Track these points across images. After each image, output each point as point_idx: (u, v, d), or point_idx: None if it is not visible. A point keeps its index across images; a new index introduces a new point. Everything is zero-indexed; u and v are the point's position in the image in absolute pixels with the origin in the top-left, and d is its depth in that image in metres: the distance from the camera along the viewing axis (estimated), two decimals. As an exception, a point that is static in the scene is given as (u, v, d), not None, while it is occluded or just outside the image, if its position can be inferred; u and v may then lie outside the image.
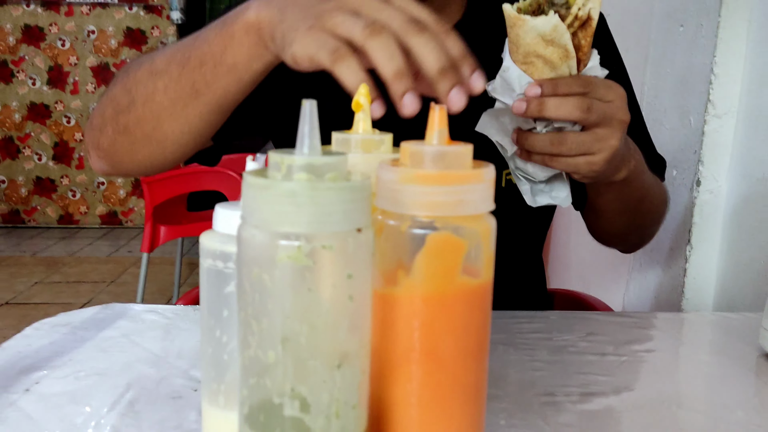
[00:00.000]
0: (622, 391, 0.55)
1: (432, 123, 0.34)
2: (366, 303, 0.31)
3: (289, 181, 0.29)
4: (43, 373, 0.57)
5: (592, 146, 0.58)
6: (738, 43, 0.93)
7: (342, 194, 0.29)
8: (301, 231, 0.29)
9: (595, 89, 0.57)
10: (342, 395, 0.31)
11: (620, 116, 0.58)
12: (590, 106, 0.56)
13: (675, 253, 1.04)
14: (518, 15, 0.54)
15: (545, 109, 0.56)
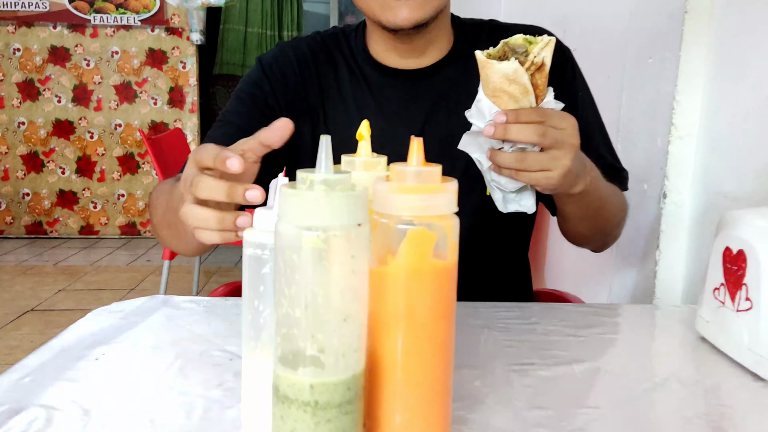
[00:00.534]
0: (575, 362, 0.68)
1: (411, 151, 0.48)
2: (364, 276, 0.45)
3: (312, 191, 0.43)
4: (107, 346, 0.70)
5: (548, 164, 0.71)
6: (696, 74, 1.06)
7: (348, 200, 0.43)
8: (320, 224, 0.42)
9: (550, 118, 0.70)
10: (347, 341, 0.44)
11: (571, 141, 0.72)
12: (545, 132, 0.69)
13: (647, 257, 1.17)
14: (487, 60, 0.68)
15: (509, 133, 0.69)
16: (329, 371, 0.44)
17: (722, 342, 0.69)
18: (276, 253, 0.45)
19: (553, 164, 0.71)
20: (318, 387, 0.44)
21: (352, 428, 0.45)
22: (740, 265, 0.66)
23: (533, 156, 0.70)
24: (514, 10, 2.46)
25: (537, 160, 0.70)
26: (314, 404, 0.44)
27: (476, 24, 1.05)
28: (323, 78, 1.00)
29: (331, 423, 0.44)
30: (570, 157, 0.71)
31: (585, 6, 1.70)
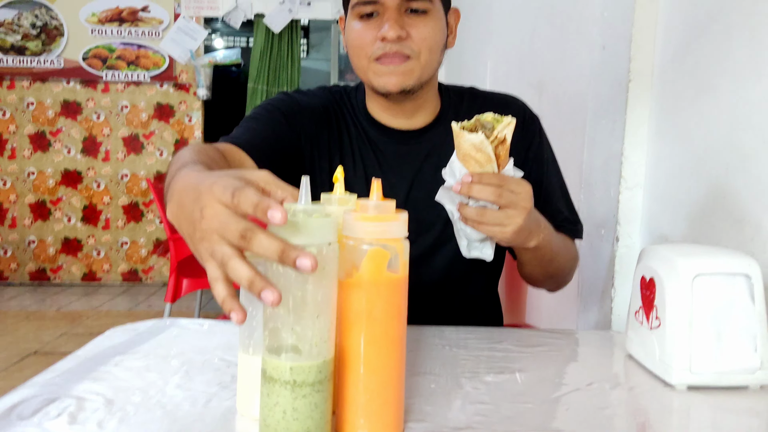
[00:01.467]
0: (519, 371, 0.81)
1: (372, 189, 0.62)
2: (333, 282, 0.58)
3: (294, 217, 0.57)
4: (124, 356, 0.83)
5: (503, 221, 0.86)
6: (640, 134, 1.21)
7: (320, 224, 0.57)
8: (300, 242, 0.56)
9: (507, 183, 0.85)
10: (319, 333, 0.57)
11: (524, 204, 0.86)
12: (502, 194, 0.84)
13: (605, 294, 1.31)
14: (460, 130, 0.83)
15: (472, 191, 0.84)
16: (305, 357, 0.57)
17: (642, 356, 0.82)
18: (267, 265, 0.58)
19: (508, 221, 0.85)
20: (296, 369, 0.57)
21: (323, 403, 0.58)
22: (651, 290, 0.80)
23: (491, 212, 0.85)
24: (499, 74, 2.66)
25: (494, 216, 0.85)
26: (293, 383, 0.57)
27: (459, 91, 1.21)
28: (336, 127, 1.15)
29: (306, 398, 0.57)
30: (522, 216, 0.85)
31: (556, 72, 1.88)
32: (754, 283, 0.74)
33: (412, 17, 1.03)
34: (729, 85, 0.98)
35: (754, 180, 0.91)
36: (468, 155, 0.84)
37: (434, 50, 1.04)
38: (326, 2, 4.68)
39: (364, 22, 1.04)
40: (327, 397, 0.59)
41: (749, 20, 0.93)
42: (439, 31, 1.04)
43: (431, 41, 1.03)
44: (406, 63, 1.02)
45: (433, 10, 1.03)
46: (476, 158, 0.84)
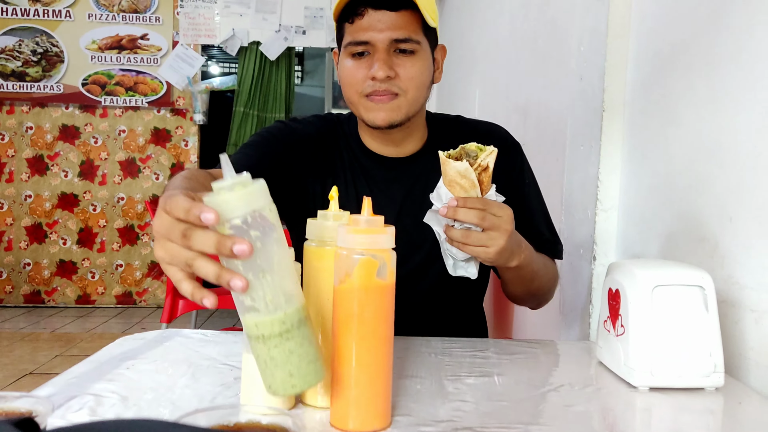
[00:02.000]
0: (498, 375, 0.88)
1: (363, 206, 0.70)
2: (272, 243, 0.61)
3: (218, 194, 0.62)
4: (135, 360, 0.90)
5: (486, 242, 0.93)
6: (614, 159, 1.30)
7: (242, 195, 0.59)
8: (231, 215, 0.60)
9: (490, 207, 0.93)
10: (270, 290, 0.61)
11: (506, 226, 0.94)
12: (485, 217, 0.92)
13: (583, 311, 1.38)
14: (446, 159, 0.91)
15: (457, 214, 0.92)
16: (263, 313, 0.63)
17: (609, 361, 0.90)
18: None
19: (490, 242, 0.93)
20: (260, 325, 0.63)
21: (299, 347, 0.64)
22: (617, 300, 0.88)
23: (475, 234, 0.93)
24: (486, 101, 2.76)
25: (477, 237, 0.93)
26: (262, 337, 0.63)
27: (446, 120, 1.30)
28: (330, 154, 1.23)
29: (278, 347, 0.63)
30: (504, 238, 0.93)
31: (538, 99, 1.98)
32: (708, 294, 0.82)
33: (400, 57, 1.11)
34: (691, 115, 1.07)
35: (712, 202, 0.99)
36: (453, 181, 0.92)
37: (421, 88, 1.13)
38: (321, 31, 4.81)
39: (355, 61, 1.12)
40: (302, 342, 0.64)
41: (708, 57, 1.03)
42: (425, 70, 1.13)
43: (418, 80, 1.11)
44: (394, 101, 1.11)
45: (420, 50, 1.11)
46: (461, 184, 0.92)
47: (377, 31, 1.09)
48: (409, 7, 1.08)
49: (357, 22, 1.11)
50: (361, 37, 1.10)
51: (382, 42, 1.09)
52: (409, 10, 1.08)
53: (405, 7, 1.08)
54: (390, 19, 1.08)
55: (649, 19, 1.24)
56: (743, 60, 0.94)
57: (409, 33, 1.09)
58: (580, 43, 1.45)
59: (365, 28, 1.09)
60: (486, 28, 2.79)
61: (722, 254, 0.96)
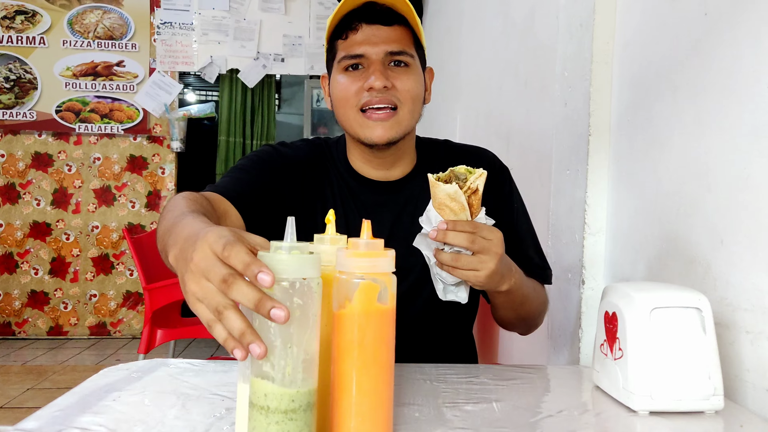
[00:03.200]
0: (496, 401, 0.87)
1: (363, 229, 0.69)
2: (310, 316, 0.61)
3: (275, 252, 0.62)
4: (120, 392, 0.87)
5: (476, 265, 0.93)
6: (601, 183, 1.31)
7: (297, 260, 0.61)
8: (278, 276, 0.61)
9: (480, 230, 0.92)
10: (292, 362, 0.60)
11: (495, 249, 0.93)
12: (475, 240, 0.91)
13: (572, 335, 1.38)
14: (435, 181, 0.91)
15: (447, 238, 0.91)
16: (278, 383, 0.61)
17: (607, 385, 0.89)
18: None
19: (481, 266, 0.92)
20: (270, 395, 0.61)
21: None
22: (614, 323, 0.87)
23: (465, 257, 0.92)
24: (468, 127, 2.78)
25: (468, 260, 0.92)
26: (266, 408, 0.61)
27: (435, 144, 1.30)
28: (318, 178, 1.22)
29: (279, 425, 0.61)
30: (494, 261, 0.92)
31: (522, 125, 2.00)
32: (705, 316, 0.82)
33: (395, 70, 1.11)
34: (677, 139, 1.08)
35: (702, 224, 1.00)
36: (443, 204, 0.92)
37: (416, 101, 1.13)
38: (300, 59, 4.82)
39: (350, 75, 1.12)
40: (302, 428, 0.62)
41: (693, 81, 1.04)
42: (419, 84, 1.14)
43: (414, 92, 1.12)
44: (393, 117, 1.10)
45: (413, 65, 1.13)
46: (451, 207, 0.91)
47: (372, 44, 1.09)
48: (402, 23, 1.10)
49: (351, 37, 1.11)
50: (355, 50, 1.10)
51: (377, 54, 1.09)
52: (402, 26, 1.10)
53: (398, 22, 1.10)
54: (384, 33, 1.09)
55: (631, 45, 1.26)
56: (729, 84, 0.95)
57: (403, 46, 1.10)
58: (564, 69, 1.47)
59: (360, 42, 1.10)
60: (467, 55, 2.82)
61: (714, 276, 0.97)
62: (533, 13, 1.88)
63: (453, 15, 3.16)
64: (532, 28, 1.90)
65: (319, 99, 5.16)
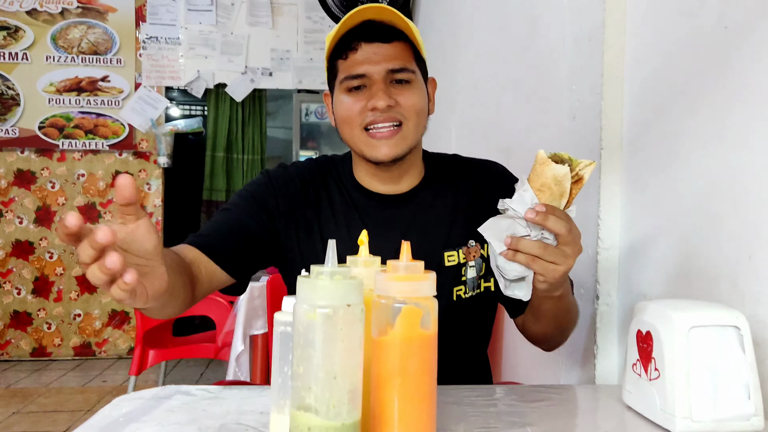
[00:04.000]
0: (528, 425, 0.84)
1: (402, 251, 0.66)
2: (354, 345, 0.60)
3: (316, 278, 0.60)
4: (138, 424, 0.83)
5: (559, 259, 0.89)
6: (614, 198, 1.30)
7: (340, 286, 0.59)
8: (315, 303, 0.58)
9: (571, 223, 0.90)
10: (336, 395, 0.58)
11: (579, 245, 0.91)
12: (571, 229, 0.88)
13: (587, 352, 1.36)
14: (546, 159, 0.86)
15: (548, 221, 0.87)
16: (322, 416, 0.58)
17: (642, 407, 0.87)
18: (294, 325, 0.61)
19: (562, 260, 0.89)
20: (313, 429, 0.58)
21: None
22: (649, 342, 0.85)
23: (553, 248, 0.88)
24: (464, 141, 2.77)
25: (554, 251, 0.88)
26: None
27: (443, 158, 1.28)
28: (319, 197, 1.20)
29: None
30: (575, 257, 0.90)
31: (523, 139, 1.99)
32: (743, 334, 0.80)
33: (397, 87, 1.10)
34: (697, 154, 1.07)
35: (728, 240, 0.99)
36: (546, 185, 0.86)
37: (421, 115, 1.12)
38: (288, 73, 4.80)
39: (352, 95, 1.11)
40: None
41: (711, 96, 1.03)
42: (423, 98, 1.12)
43: (418, 107, 1.11)
44: (398, 134, 1.09)
45: (416, 80, 1.11)
46: (553, 190, 0.86)
47: (373, 63, 1.08)
48: (401, 39, 1.09)
49: (351, 56, 1.10)
50: (356, 70, 1.09)
51: (379, 73, 1.08)
52: (402, 42, 1.10)
53: (397, 39, 1.09)
54: (384, 50, 1.09)
55: (643, 59, 1.25)
56: (752, 99, 0.94)
57: (404, 63, 1.09)
58: (572, 82, 1.46)
59: (360, 61, 1.09)
60: (462, 70, 2.81)
61: (742, 292, 0.95)
62: (535, 26, 1.87)
63: (446, 28, 3.16)
64: (533, 42, 1.90)
65: (308, 113, 5.13)
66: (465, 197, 1.22)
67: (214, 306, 2.62)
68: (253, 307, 2.59)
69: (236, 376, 2.42)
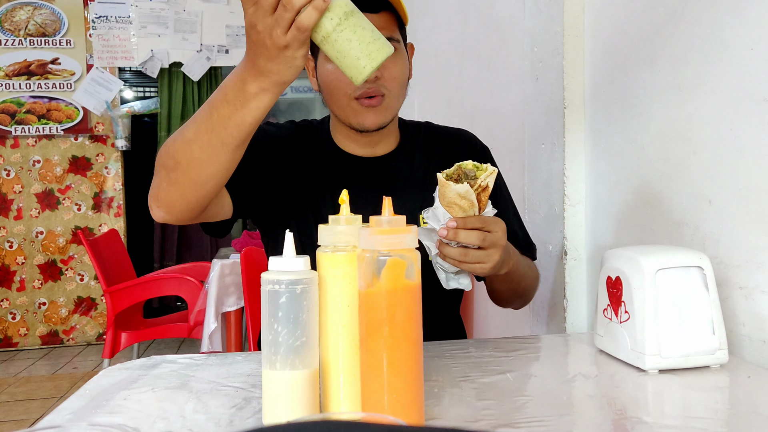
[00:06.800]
0: (508, 372, 0.88)
1: (384, 206, 0.68)
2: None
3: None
4: (129, 391, 0.84)
5: (483, 259, 0.93)
6: (578, 155, 1.34)
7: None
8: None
9: (487, 224, 0.92)
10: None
11: (501, 242, 0.93)
12: (485, 238, 0.91)
13: (557, 306, 1.41)
14: (446, 181, 0.90)
15: (458, 236, 0.91)
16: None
17: (613, 348, 0.91)
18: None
19: (487, 259, 0.92)
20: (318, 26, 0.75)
21: (353, 34, 0.75)
22: (618, 287, 0.89)
23: (473, 252, 0.92)
24: (427, 110, 2.79)
25: (476, 255, 0.92)
26: (324, 38, 0.77)
27: (416, 125, 1.30)
28: (304, 156, 1.21)
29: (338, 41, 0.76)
30: (499, 253, 0.93)
31: (487, 103, 2.02)
32: (707, 274, 0.85)
33: None
34: (657, 106, 1.11)
35: (689, 187, 1.03)
36: (453, 202, 0.91)
37: (402, 86, 1.14)
38: (244, 49, 4.72)
39: None
40: (354, 29, 0.76)
41: (672, 51, 1.07)
42: (405, 68, 1.14)
43: (400, 78, 1.12)
44: (383, 103, 1.11)
45: (400, 48, 1.13)
46: (460, 205, 0.91)
47: None
48: (388, 8, 1.10)
49: None
50: None
51: None
52: (388, 12, 1.11)
53: (385, 8, 1.10)
54: (372, 20, 1.09)
55: (603, 16, 1.28)
56: (710, 50, 0.98)
57: (390, 33, 1.10)
58: (534, 44, 1.49)
59: None
60: (422, 40, 2.82)
61: (703, 236, 1.00)
62: (494, -9, 1.89)
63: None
64: (492, 8, 1.92)
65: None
66: (437, 167, 1.24)
67: (184, 285, 2.61)
68: (225, 284, 2.59)
69: (211, 354, 2.43)
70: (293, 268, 0.69)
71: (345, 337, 0.72)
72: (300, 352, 0.68)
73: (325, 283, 0.73)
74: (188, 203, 0.97)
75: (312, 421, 0.38)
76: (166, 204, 0.98)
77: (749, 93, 0.91)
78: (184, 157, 0.92)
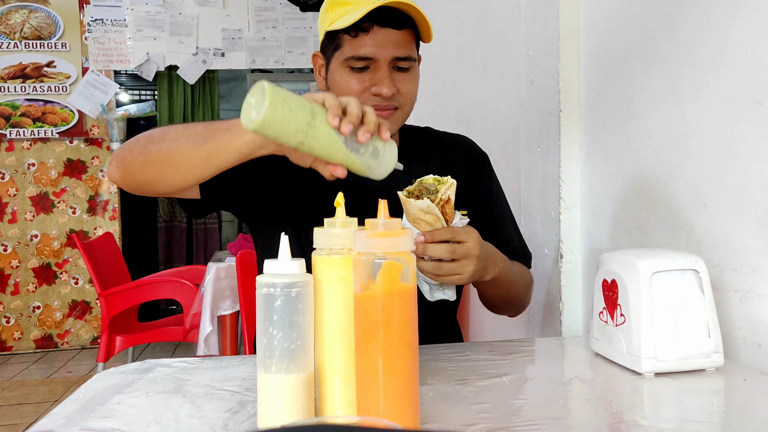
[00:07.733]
0: (504, 375, 0.88)
1: (379, 210, 0.68)
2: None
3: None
4: (123, 395, 0.84)
5: (457, 270, 0.92)
6: (574, 159, 1.34)
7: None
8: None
9: (457, 235, 0.92)
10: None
11: (474, 252, 0.93)
12: (455, 249, 0.91)
13: (553, 309, 1.41)
14: (406, 199, 0.90)
15: (427, 251, 0.91)
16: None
17: (608, 351, 0.91)
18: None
19: (461, 270, 0.92)
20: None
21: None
22: (614, 290, 0.89)
23: (447, 265, 0.92)
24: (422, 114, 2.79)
25: (450, 267, 0.92)
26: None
27: (416, 130, 1.30)
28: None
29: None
30: (474, 263, 0.93)
31: (483, 108, 2.02)
32: (702, 277, 0.85)
33: (398, 74, 1.12)
34: (652, 110, 1.11)
35: (684, 190, 1.03)
36: (417, 218, 0.91)
37: (413, 101, 1.15)
38: (240, 52, 4.73)
39: (355, 75, 1.12)
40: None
41: (666, 55, 1.07)
42: (417, 85, 1.15)
43: (413, 94, 1.13)
44: (394, 115, 1.11)
45: (414, 67, 1.14)
46: (425, 220, 0.91)
47: (381, 47, 1.10)
48: (410, 26, 1.10)
49: (362, 37, 1.10)
50: (365, 52, 1.10)
51: (385, 59, 1.10)
52: (409, 30, 1.11)
53: (407, 26, 1.10)
54: (393, 37, 1.10)
55: (598, 21, 1.29)
56: (704, 54, 0.99)
57: (408, 51, 1.11)
58: (529, 48, 1.49)
59: (370, 44, 1.10)
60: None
61: (699, 239, 1.00)
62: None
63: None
64: (488, 12, 1.92)
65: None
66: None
67: (180, 289, 2.60)
68: (220, 288, 2.58)
69: (206, 357, 2.42)
70: (288, 271, 0.69)
71: (340, 341, 0.72)
72: (295, 355, 0.68)
73: (321, 286, 0.73)
74: (145, 180, 1.01)
75: (307, 424, 0.38)
76: (125, 169, 1.01)
77: (744, 96, 0.91)
78: (167, 148, 0.97)
